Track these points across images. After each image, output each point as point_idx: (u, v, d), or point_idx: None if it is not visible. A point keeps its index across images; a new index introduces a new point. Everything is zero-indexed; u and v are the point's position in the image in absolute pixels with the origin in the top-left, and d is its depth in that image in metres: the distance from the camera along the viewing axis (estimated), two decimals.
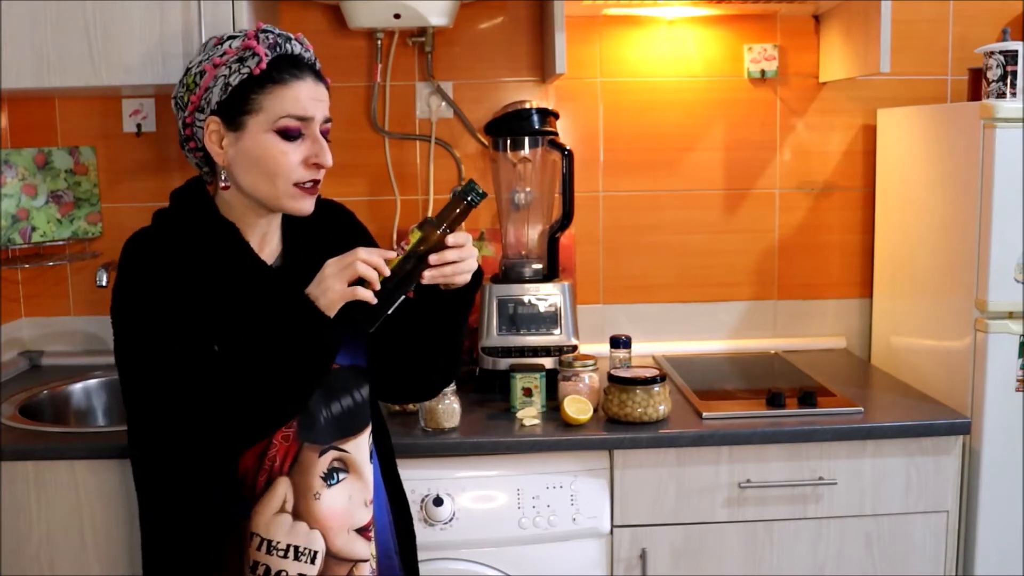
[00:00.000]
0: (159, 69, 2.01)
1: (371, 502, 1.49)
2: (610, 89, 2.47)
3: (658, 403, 1.93)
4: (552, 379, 2.06)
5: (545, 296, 2.20)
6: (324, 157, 1.42)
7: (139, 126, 2.40)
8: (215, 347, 1.36)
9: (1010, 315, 1.97)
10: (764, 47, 2.46)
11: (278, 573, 1.39)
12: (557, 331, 2.18)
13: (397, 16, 2.15)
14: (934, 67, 2.49)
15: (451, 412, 1.91)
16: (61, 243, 2.36)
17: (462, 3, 2.26)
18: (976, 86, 2.26)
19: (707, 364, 2.41)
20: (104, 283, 2.19)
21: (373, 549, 1.50)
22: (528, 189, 2.29)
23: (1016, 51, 2.09)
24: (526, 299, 2.19)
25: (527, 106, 2.23)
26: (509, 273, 2.26)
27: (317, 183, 1.45)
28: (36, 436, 1.90)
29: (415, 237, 1.39)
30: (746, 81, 2.48)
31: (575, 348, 2.17)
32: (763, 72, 2.46)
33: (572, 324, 2.19)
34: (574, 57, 2.37)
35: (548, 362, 2.12)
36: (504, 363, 2.13)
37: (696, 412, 1.99)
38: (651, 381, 1.93)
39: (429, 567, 1.86)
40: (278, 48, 1.41)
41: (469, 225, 2.46)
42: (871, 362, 2.50)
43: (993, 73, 2.11)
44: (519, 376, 2.02)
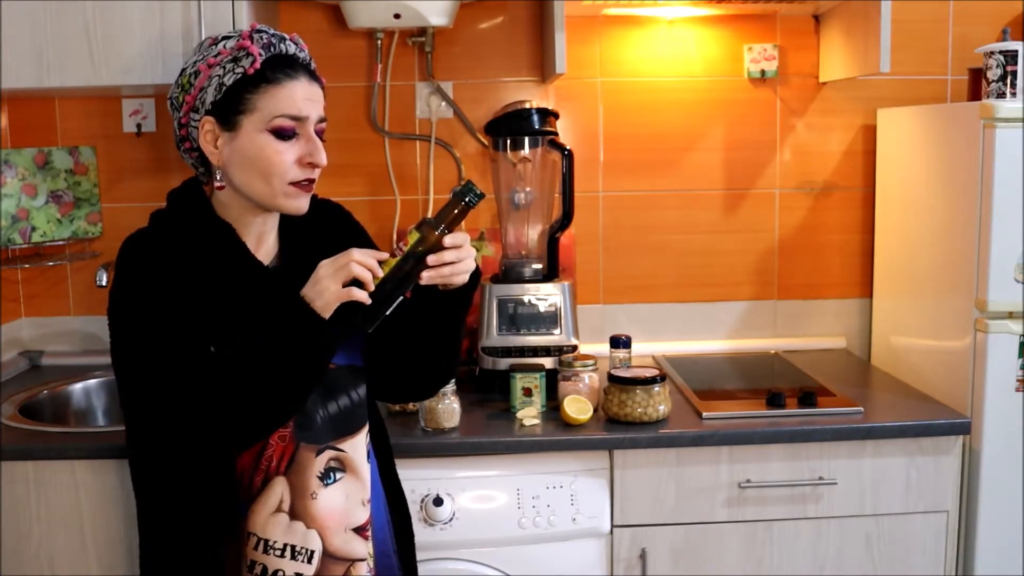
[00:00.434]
0: (159, 69, 2.01)
1: (368, 501, 1.49)
2: (610, 89, 2.47)
3: (658, 403, 1.93)
4: (552, 379, 2.06)
5: (545, 296, 2.20)
6: (319, 156, 1.42)
7: (139, 126, 2.40)
8: (211, 348, 1.36)
9: (1010, 315, 1.97)
10: (764, 47, 2.46)
11: (275, 572, 1.39)
12: (557, 331, 2.18)
13: (397, 16, 2.15)
14: (934, 67, 2.49)
15: (451, 412, 1.91)
16: (61, 243, 2.36)
17: (462, 3, 2.26)
18: (976, 86, 2.26)
19: (707, 364, 2.41)
20: (104, 283, 2.19)
21: (371, 549, 1.49)
22: (528, 189, 2.29)
23: (1016, 51, 2.09)
24: (526, 299, 2.19)
25: (527, 106, 2.23)
26: (509, 273, 2.26)
27: (312, 182, 1.45)
28: (36, 436, 1.90)
29: (413, 238, 1.39)
30: (746, 81, 2.48)
31: (575, 348, 2.17)
32: (763, 72, 2.46)
33: (572, 324, 2.19)
34: (574, 57, 2.37)
35: (548, 362, 2.12)
36: (504, 363, 2.13)
37: (696, 412, 1.99)
38: (651, 381, 1.93)
39: (429, 567, 1.86)
40: (272, 48, 1.41)
41: (469, 225, 2.47)
42: (871, 362, 2.50)
43: (993, 73, 2.11)
44: (519, 376, 2.02)
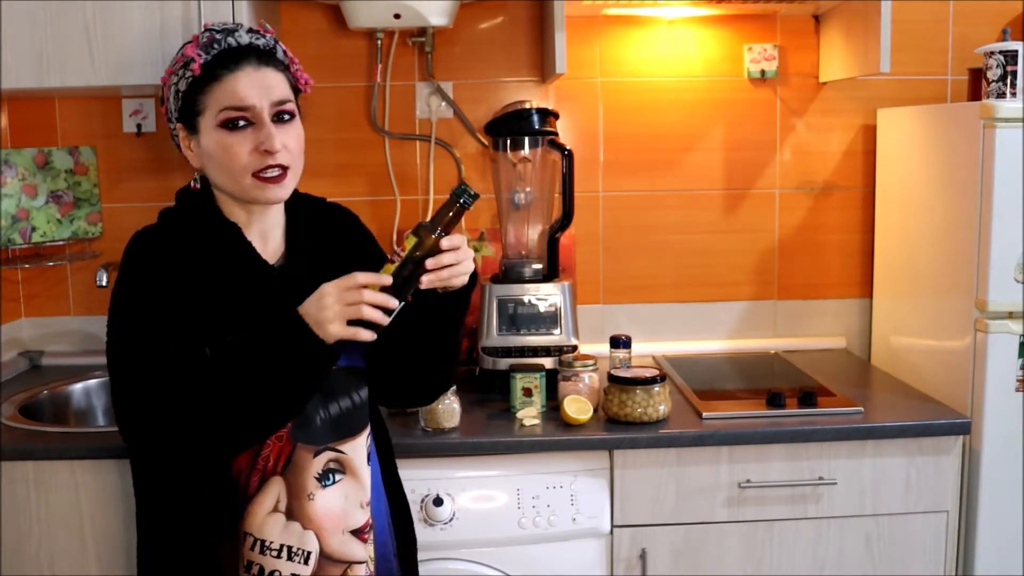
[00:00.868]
0: (159, 69, 2.00)
1: (368, 504, 1.48)
2: (610, 89, 2.47)
3: (658, 403, 1.93)
4: (552, 379, 2.06)
5: (545, 296, 2.20)
6: (269, 142, 1.41)
7: (139, 126, 2.40)
8: (208, 351, 1.37)
9: (1010, 315, 1.97)
10: (764, 47, 2.46)
11: (271, 573, 1.39)
12: (557, 331, 2.18)
13: (397, 16, 2.15)
14: (934, 67, 2.49)
15: (451, 412, 1.91)
16: (61, 243, 2.36)
17: (462, 3, 2.26)
18: (976, 86, 2.26)
19: (707, 364, 2.41)
20: (104, 283, 2.19)
21: (371, 552, 1.49)
22: (528, 189, 2.29)
23: (1016, 51, 2.09)
24: (526, 299, 2.19)
25: (527, 106, 2.23)
26: (509, 273, 2.26)
27: (282, 170, 1.43)
28: (36, 436, 1.90)
29: (411, 243, 1.39)
30: (746, 81, 2.48)
31: (575, 348, 2.17)
32: (763, 72, 2.46)
33: (572, 324, 2.19)
34: (574, 57, 2.37)
35: (548, 362, 2.12)
36: (504, 363, 2.13)
37: (696, 412, 1.99)
38: (651, 381, 1.93)
39: (429, 567, 1.86)
40: (214, 46, 1.43)
41: (469, 225, 2.47)
42: (871, 362, 2.50)
43: (993, 73, 2.11)
44: (519, 376, 2.02)
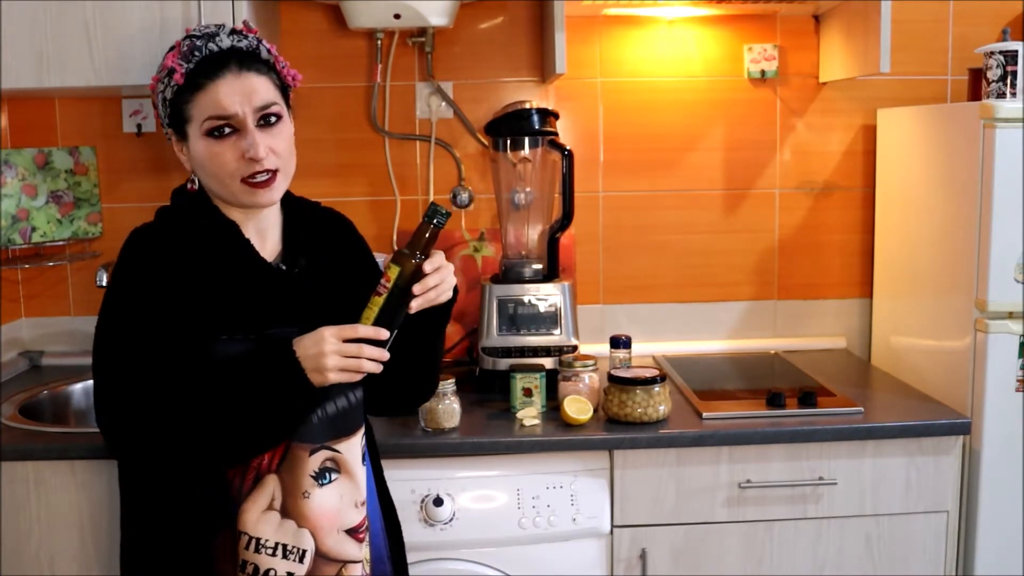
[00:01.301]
0: None
1: (363, 504, 1.48)
2: (610, 89, 2.47)
3: (658, 403, 1.93)
4: (552, 379, 2.06)
5: (545, 296, 2.20)
6: (253, 150, 1.40)
7: (139, 126, 2.40)
8: (200, 363, 1.37)
9: (1010, 315, 1.97)
10: (764, 47, 2.46)
11: (266, 572, 1.39)
12: (557, 331, 2.18)
13: (397, 16, 2.15)
14: (934, 67, 2.49)
15: (451, 412, 1.91)
16: (61, 243, 2.36)
17: (462, 3, 2.26)
18: (976, 86, 2.26)
19: (707, 364, 2.41)
20: (104, 283, 2.19)
21: (367, 553, 1.49)
22: (528, 189, 2.29)
23: (1016, 51, 2.09)
24: (526, 299, 2.19)
25: (527, 106, 2.23)
26: (509, 273, 2.26)
27: (271, 174, 1.43)
28: (36, 436, 1.90)
29: (394, 272, 1.39)
30: (746, 81, 2.48)
31: (575, 348, 2.17)
32: (763, 72, 2.46)
33: (572, 324, 2.19)
34: (574, 57, 2.37)
35: (548, 362, 2.12)
36: (504, 363, 2.13)
37: (696, 412, 1.99)
38: (651, 381, 1.93)
39: (429, 567, 1.86)
40: (195, 53, 1.42)
41: (470, 225, 2.47)
42: (871, 362, 2.50)
43: (993, 73, 2.11)
44: (519, 376, 2.02)
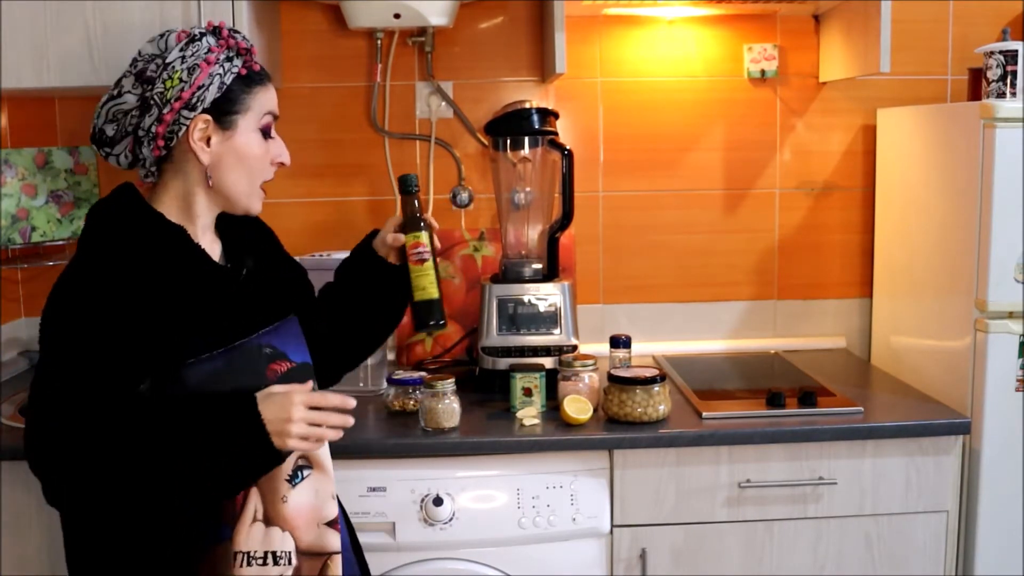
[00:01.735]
0: None
1: (335, 495, 1.47)
2: (610, 89, 2.47)
3: (658, 403, 1.93)
4: (552, 379, 2.06)
5: (545, 296, 2.20)
6: (287, 156, 1.49)
7: None
8: (151, 402, 1.32)
9: (1010, 315, 1.97)
10: (764, 47, 2.46)
11: None
12: (557, 331, 2.18)
13: (397, 16, 2.14)
14: (934, 67, 2.49)
15: (451, 412, 1.91)
16: (61, 243, 2.35)
17: (462, 3, 2.26)
18: (976, 86, 2.26)
19: (707, 364, 2.41)
20: None
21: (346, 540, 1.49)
22: (528, 189, 2.29)
23: (1016, 51, 2.09)
24: (526, 299, 2.19)
25: (527, 106, 2.23)
26: (509, 273, 2.26)
27: None
28: None
29: (425, 237, 1.56)
30: (746, 81, 2.48)
31: (575, 348, 2.17)
32: (763, 72, 2.46)
33: (572, 324, 2.19)
34: (574, 57, 2.37)
35: (548, 362, 2.12)
36: (504, 363, 2.13)
37: (696, 412, 1.99)
38: (651, 381, 1.93)
39: (429, 567, 1.86)
40: (247, 49, 1.45)
41: (470, 225, 2.47)
42: (871, 362, 2.50)
43: (993, 73, 2.11)
44: (519, 376, 2.01)
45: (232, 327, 1.40)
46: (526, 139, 2.25)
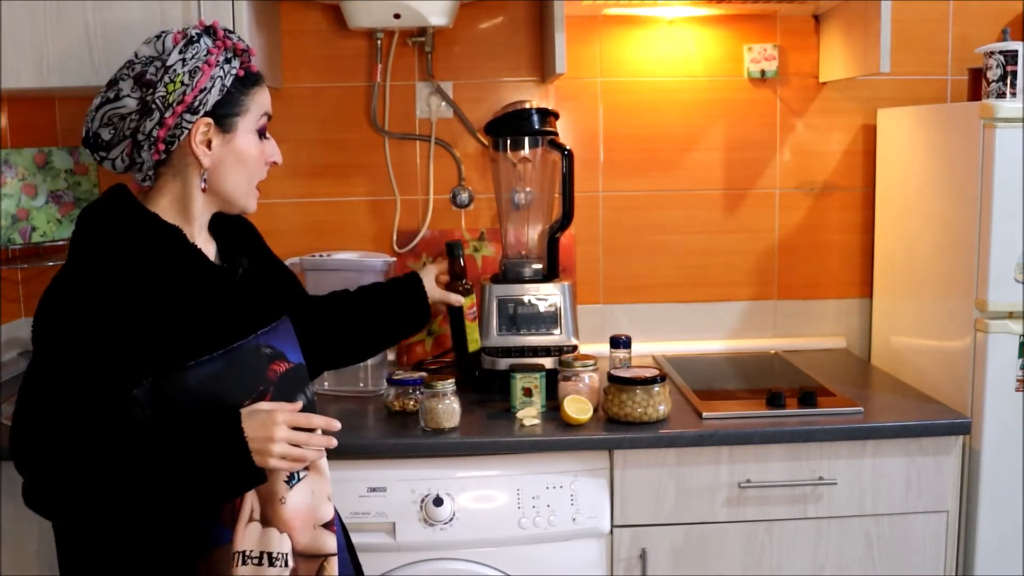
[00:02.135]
0: None
1: (331, 497, 1.46)
2: (610, 89, 2.47)
3: (658, 403, 1.93)
4: (552, 379, 2.06)
5: (545, 296, 2.20)
6: (279, 155, 1.52)
7: None
8: (140, 414, 1.31)
9: (1010, 315, 1.97)
10: (764, 47, 2.46)
11: None
12: (557, 331, 2.18)
13: (397, 16, 2.14)
14: (934, 67, 2.49)
15: (451, 412, 1.91)
16: (61, 243, 2.35)
17: (462, 3, 2.26)
18: (976, 86, 2.26)
19: (707, 364, 2.41)
20: None
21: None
22: (528, 189, 2.29)
23: (1016, 51, 2.09)
24: (526, 299, 2.19)
25: (527, 106, 2.23)
26: (509, 273, 2.26)
27: None
28: None
29: (472, 300, 1.95)
30: (746, 81, 2.48)
31: (575, 348, 2.17)
32: (763, 72, 2.46)
33: (572, 324, 2.19)
34: (574, 57, 2.37)
35: (548, 362, 2.12)
36: (504, 363, 2.13)
37: (696, 412, 1.99)
38: (651, 381, 1.93)
39: (429, 567, 1.86)
40: (247, 49, 1.46)
41: (470, 225, 2.48)
42: (871, 362, 2.50)
43: (993, 73, 2.11)
44: (519, 376, 2.01)
45: (229, 327, 1.40)
46: (526, 139, 2.25)
